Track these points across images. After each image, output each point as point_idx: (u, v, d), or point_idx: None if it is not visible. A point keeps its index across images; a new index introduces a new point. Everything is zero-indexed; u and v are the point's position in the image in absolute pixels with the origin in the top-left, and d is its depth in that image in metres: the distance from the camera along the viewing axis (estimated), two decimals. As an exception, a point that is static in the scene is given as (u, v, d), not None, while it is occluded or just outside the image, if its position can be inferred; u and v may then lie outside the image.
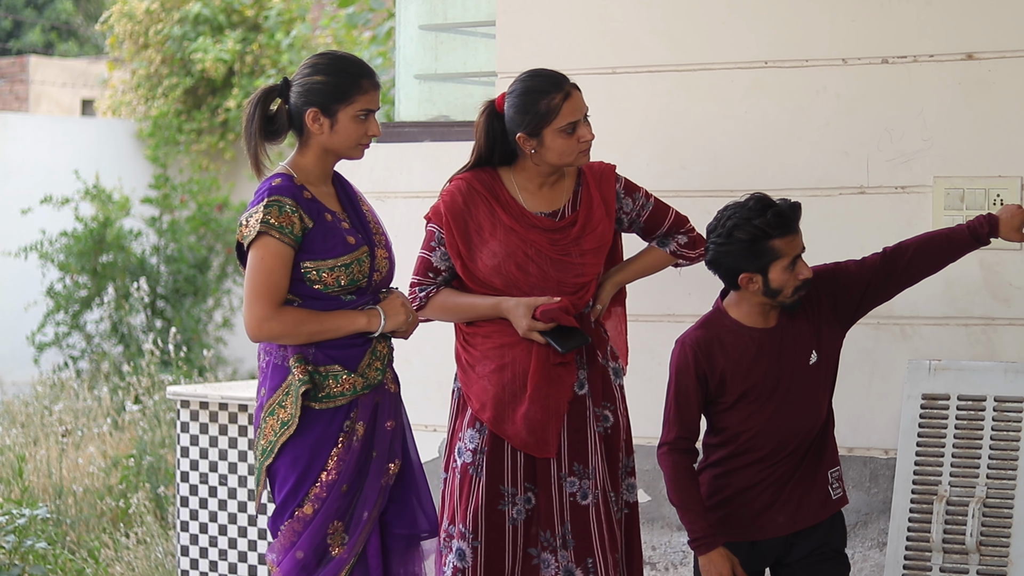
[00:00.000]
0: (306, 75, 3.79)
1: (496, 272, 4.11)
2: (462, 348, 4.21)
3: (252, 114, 3.79)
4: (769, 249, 3.86)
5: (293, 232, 3.72)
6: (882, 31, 4.64)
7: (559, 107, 4.05)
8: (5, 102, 18.53)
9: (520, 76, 4.14)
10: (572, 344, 4.04)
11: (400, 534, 3.88)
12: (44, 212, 12.88)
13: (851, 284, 4.02)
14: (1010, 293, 4.53)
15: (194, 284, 12.93)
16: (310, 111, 3.77)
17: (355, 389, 3.79)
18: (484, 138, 4.17)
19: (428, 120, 5.57)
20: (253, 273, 3.72)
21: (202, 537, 5.78)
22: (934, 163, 4.59)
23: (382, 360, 3.86)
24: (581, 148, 4.09)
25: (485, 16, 5.49)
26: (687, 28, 4.88)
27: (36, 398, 9.84)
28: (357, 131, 3.81)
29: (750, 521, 3.98)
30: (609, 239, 4.19)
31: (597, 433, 4.12)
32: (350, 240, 3.79)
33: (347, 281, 3.77)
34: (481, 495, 4.08)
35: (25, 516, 6.16)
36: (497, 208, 4.13)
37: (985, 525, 4.33)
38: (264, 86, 3.85)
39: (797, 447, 3.96)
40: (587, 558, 4.08)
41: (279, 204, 3.72)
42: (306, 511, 3.77)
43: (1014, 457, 4.35)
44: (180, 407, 5.85)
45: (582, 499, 4.10)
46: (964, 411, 4.45)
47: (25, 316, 13.35)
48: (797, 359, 3.95)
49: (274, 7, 14.37)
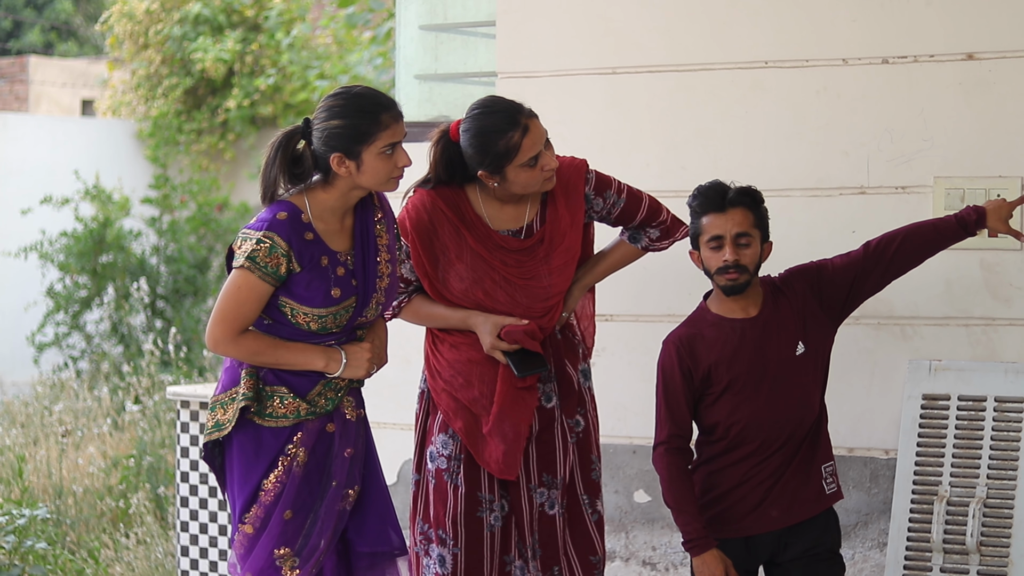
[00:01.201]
0: (324, 119, 3.68)
1: (464, 296, 4.06)
2: (431, 351, 4.17)
3: (274, 158, 3.69)
4: (698, 226, 4.00)
5: (277, 273, 3.65)
6: (883, 31, 4.63)
7: (518, 144, 3.92)
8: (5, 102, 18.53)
9: (473, 110, 4.02)
10: (530, 370, 4.00)
11: (363, 552, 3.85)
12: (44, 212, 12.88)
13: (837, 278, 4.04)
14: (1011, 293, 4.53)
15: (194, 284, 12.93)
16: (334, 156, 3.67)
17: (298, 414, 3.74)
18: (442, 166, 4.06)
19: (428, 120, 5.56)
20: (226, 297, 3.68)
21: (202, 537, 5.78)
22: (934, 163, 4.59)
23: (336, 391, 3.80)
24: (545, 176, 3.99)
25: (485, 16, 5.49)
26: (687, 28, 4.87)
27: (36, 398, 9.84)
28: (386, 167, 3.72)
29: (744, 516, 3.99)
30: (578, 251, 4.12)
31: (569, 443, 4.11)
32: (334, 293, 3.71)
33: (317, 328, 3.72)
34: (460, 502, 4.06)
35: (25, 516, 6.16)
36: (463, 229, 4.05)
37: (985, 525, 4.33)
38: (285, 130, 3.74)
39: (788, 440, 3.98)
40: (553, 566, 4.09)
41: (272, 243, 3.64)
42: (247, 530, 3.75)
43: (1014, 457, 4.35)
44: (180, 407, 5.85)
45: (549, 509, 4.09)
46: (964, 411, 4.45)
47: (25, 316, 13.35)
48: (782, 349, 3.98)
49: (274, 7, 14.38)
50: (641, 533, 4.47)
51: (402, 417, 4.84)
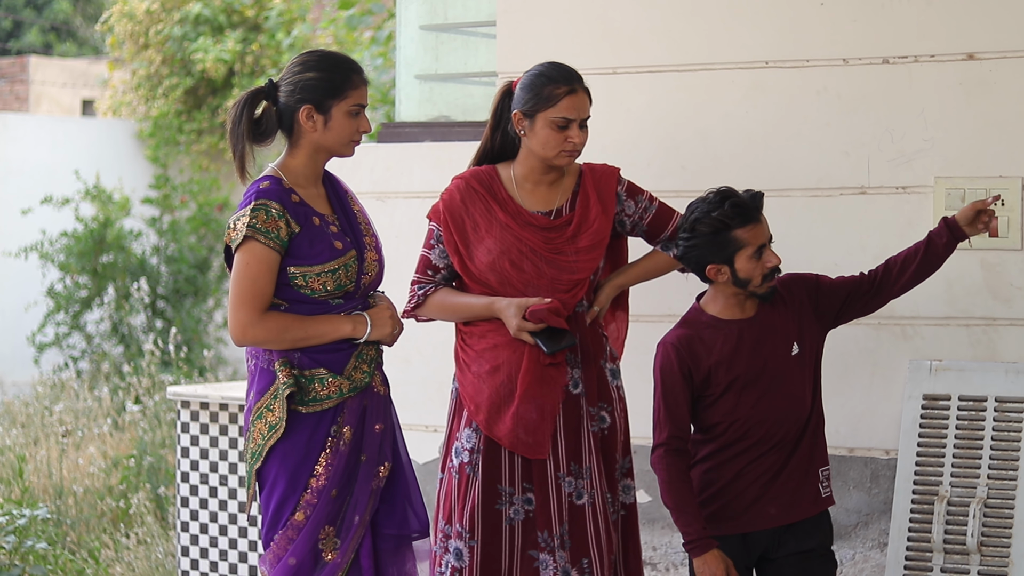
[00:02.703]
0: (297, 72, 3.78)
1: (491, 268, 4.12)
2: (460, 348, 4.22)
3: (239, 116, 3.78)
4: (732, 239, 3.93)
5: (279, 237, 3.71)
6: (883, 31, 4.63)
7: (559, 98, 4.06)
8: (5, 102, 18.54)
9: (543, 62, 4.16)
10: (559, 345, 4.04)
11: (389, 534, 3.87)
12: (44, 212, 12.88)
13: (833, 292, 4.08)
14: (1011, 293, 4.53)
15: (194, 284, 12.93)
16: (304, 108, 3.77)
17: (341, 392, 3.78)
18: (493, 116, 4.21)
19: (428, 120, 5.57)
20: (238, 278, 3.72)
21: (202, 538, 5.78)
22: (935, 163, 4.59)
23: (369, 363, 3.85)
24: (566, 148, 4.09)
25: (485, 16, 5.49)
26: (687, 28, 4.87)
27: (36, 398, 9.85)
28: (350, 127, 3.81)
29: (741, 513, 4.01)
30: (605, 237, 4.19)
31: (592, 433, 4.13)
32: (337, 245, 3.78)
33: (334, 287, 3.77)
34: (478, 495, 4.08)
35: (25, 516, 6.16)
36: (494, 205, 4.15)
37: (986, 525, 4.33)
38: (249, 90, 3.83)
39: (783, 438, 4.00)
40: (583, 558, 4.08)
41: (266, 208, 3.71)
42: (298, 518, 3.76)
43: (1015, 457, 4.35)
44: (180, 407, 5.85)
45: (578, 499, 4.10)
46: (965, 411, 4.45)
47: (25, 316, 13.35)
48: (778, 348, 4.00)
49: (275, 7, 14.38)
50: (641, 533, 4.47)
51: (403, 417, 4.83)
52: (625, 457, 4.21)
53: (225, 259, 3.82)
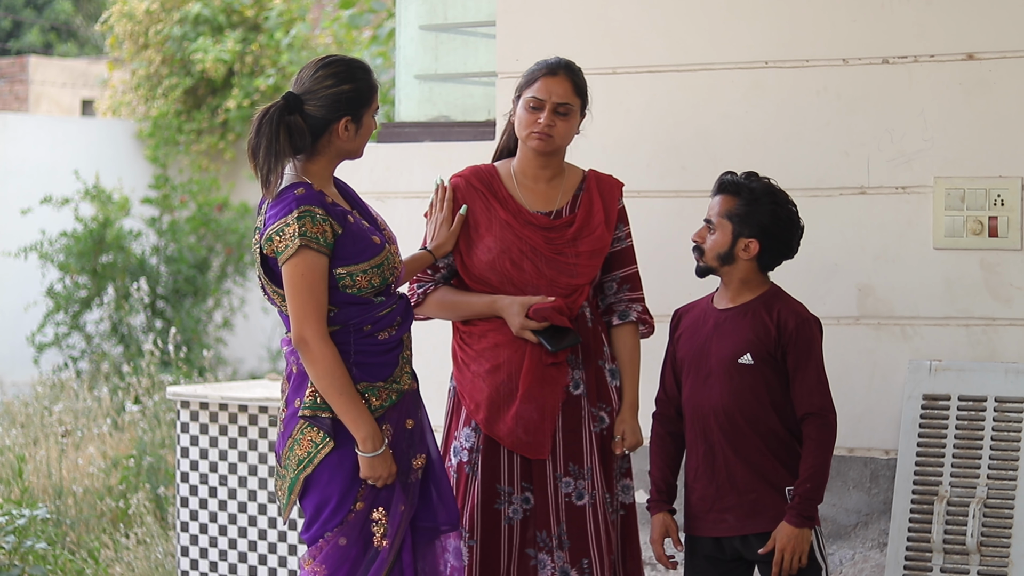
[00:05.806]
0: (331, 86, 3.76)
1: (491, 268, 4.13)
2: (458, 347, 4.22)
3: (275, 134, 3.71)
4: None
5: (327, 241, 3.71)
6: (882, 31, 4.63)
7: (535, 79, 4.12)
8: (5, 102, 18.53)
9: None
10: (563, 344, 4.06)
11: (425, 527, 3.89)
12: (44, 212, 12.88)
13: (789, 372, 4.02)
14: (1011, 293, 4.53)
15: (194, 284, 12.93)
16: (344, 120, 3.78)
17: (391, 399, 3.82)
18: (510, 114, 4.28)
19: (428, 120, 5.57)
20: (298, 290, 3.70)
21: (202, 538, 5.78)
22: (935, 163, 4.59)
23: (409, 363, 3.90)
24: (534, 130, 4.11)
25: (485, 16, 5.49)
26: (687, 28, 4.87)
27: (36, 398, 9.84)
28: (371, 129, 3.88)
29: (703, 515, 4.08)
30: (606, 247, 4.18)
31: (593, 433, 4.13)
32: (375, 240, 3.80)
33: (379, 282, 3.79)
34: (477, 494, 4.09)
35: (25, 516, 6.16)
36: (494, 203, 4.16)
37: (986, 526, 4.33)
38: (271, 109, 3.75)
39: (720, 441, 4.02)
40: (583, 559, 4.08)
41: (311, 214, 3.70)
42: (359, 507, 3.79)
43: (1015, 457, 4.35)
44: (180, 407, 5.85)
45: (577, 500, 4.10)
46: (965, 411, 4.45)
47: (25, 316, 13.34)
48: (726, 346, 4.03)
49: (274, 7, 14.37)
50: (641, 533, 4.47)
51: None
52: (624, 457, 4.22)
53: (263, 269, 3.80)
